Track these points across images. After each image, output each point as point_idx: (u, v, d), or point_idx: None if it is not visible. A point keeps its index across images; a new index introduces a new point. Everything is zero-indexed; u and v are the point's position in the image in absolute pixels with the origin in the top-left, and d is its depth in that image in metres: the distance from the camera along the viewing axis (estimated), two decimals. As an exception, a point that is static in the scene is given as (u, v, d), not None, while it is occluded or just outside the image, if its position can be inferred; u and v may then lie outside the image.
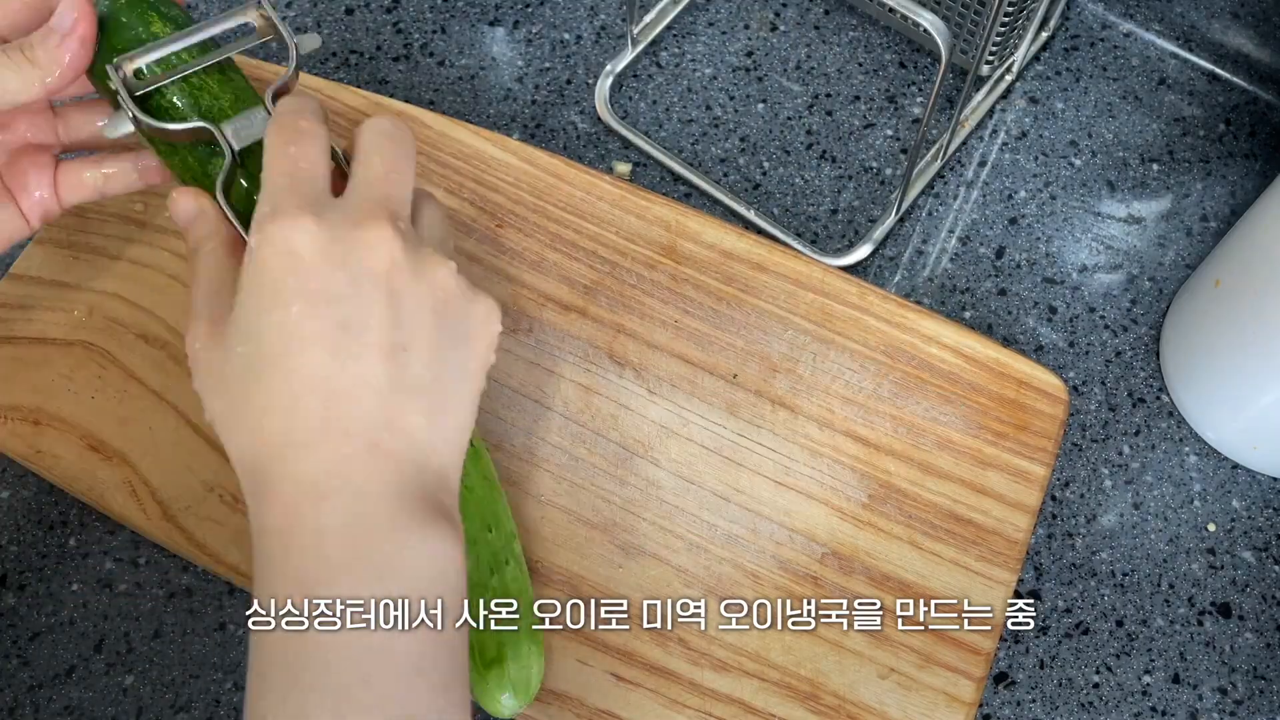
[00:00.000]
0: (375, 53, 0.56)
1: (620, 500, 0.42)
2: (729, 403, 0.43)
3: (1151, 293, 0.50)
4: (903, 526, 0.41)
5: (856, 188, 0.52)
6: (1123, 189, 0.53)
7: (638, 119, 0.54)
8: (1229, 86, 0.55)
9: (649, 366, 0.44)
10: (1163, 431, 0.47)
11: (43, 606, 0.43)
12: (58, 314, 0.45)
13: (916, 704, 0.38)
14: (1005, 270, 0.51)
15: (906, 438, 0.42)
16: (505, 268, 0.45)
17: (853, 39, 0.56)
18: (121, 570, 0.44)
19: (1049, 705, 0.42)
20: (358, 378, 0.29)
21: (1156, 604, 0.44)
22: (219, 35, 0.35)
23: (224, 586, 0.43)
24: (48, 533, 0.44)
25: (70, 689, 0.42)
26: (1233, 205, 0.52)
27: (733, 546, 0.41)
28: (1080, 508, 0.46)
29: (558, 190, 0.47)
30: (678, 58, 0.56)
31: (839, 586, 0.40)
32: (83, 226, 0.47)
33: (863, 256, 0.50)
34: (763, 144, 0.53)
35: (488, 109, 0.54)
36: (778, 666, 0.39)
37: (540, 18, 0.57)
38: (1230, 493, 0.46)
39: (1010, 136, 0.54)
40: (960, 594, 0.40)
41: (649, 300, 0.45)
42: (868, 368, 0.44)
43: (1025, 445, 0.42)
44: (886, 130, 0.54)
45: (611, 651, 0.39)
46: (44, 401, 0.43)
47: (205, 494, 0.42)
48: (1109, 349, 0.49)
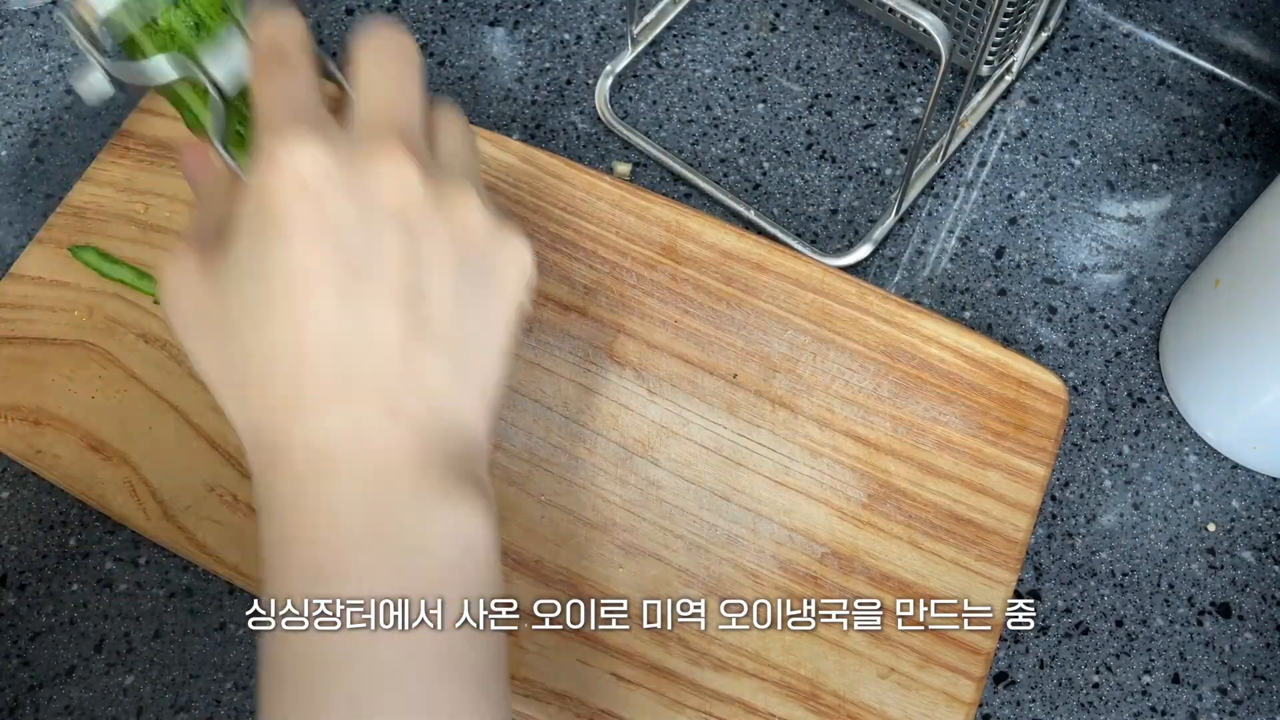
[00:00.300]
0: (375, 53, 0.56)
1: (620, 500, 0.42)
2: (729, 403, 0.43)
3: (1151, 293, 0.50)
4: (903, 526, 0.41)
5: (856, 188, 0.52)
6: (1123, 189, 0.53)
7: (638, 119, 0.54)
8: (1229, 86, 0.55)
9: (649, 366, 0.44)
10: (1162, 431, 0.47)
11: (43, 606, 0.43)
12: (58, 314, 0.45)
13: (916, 704, 0.38)
14: (1005, 270, 0.51)
15: (906, 438, 0.42)
16: (505, 268, 0.45)
17: (853, 39, 0.56)
18: (121, 570, 0.44)
19: (1049, 705, 0.42)
20: (371, 327, 0.26)
21: (1156, 604, 0.44)
22: None
23: (224, 586, 0.43)
24: (48, 533, 0.44)
25: (70, 689, 0.42)
26: (1233, 205, 0.52)
27: (733, 546, 0.41)
28: (1080, 508, 0.46)
29: (558, 190, 0.47)
30: (678, 58, 0.56)
31: (839, 586, 0.40)
32: (83, 227, 0.47)
33: (863, 256, 0.50)
34: (763, 144, 0.53)
35: (488, 109, 0.54)
36: (778, 666, 0.39)
37: (540, 18, 0.57)
38: (1230, 493, 0.46)
39: (1010, 136, 0.54)
40: (960, 594, 0.40)
41: (649, 300, 0.45)
42: (867, 368, 0.44)
43: (1025, 445, 0.42)
44: (886, 130, 0.54)
45: (611, 651, 0.39)
46: (44, 401, 0.43)
47: (205, 494, 0.42)
48: (1109, 349, 0.49)
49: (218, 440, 0.42)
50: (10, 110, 0.54)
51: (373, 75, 0.29)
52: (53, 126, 0.54)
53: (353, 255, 0.26)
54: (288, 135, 0.26)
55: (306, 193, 0.26)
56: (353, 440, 0.26)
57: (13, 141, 0.53)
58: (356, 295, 0.26)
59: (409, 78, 0.30)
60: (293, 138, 0.26)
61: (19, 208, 0.52)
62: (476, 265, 0.28)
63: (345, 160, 0.27)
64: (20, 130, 0.54)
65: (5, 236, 0.51)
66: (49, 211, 0.49)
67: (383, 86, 0.29)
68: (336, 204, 0.26)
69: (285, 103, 0.28)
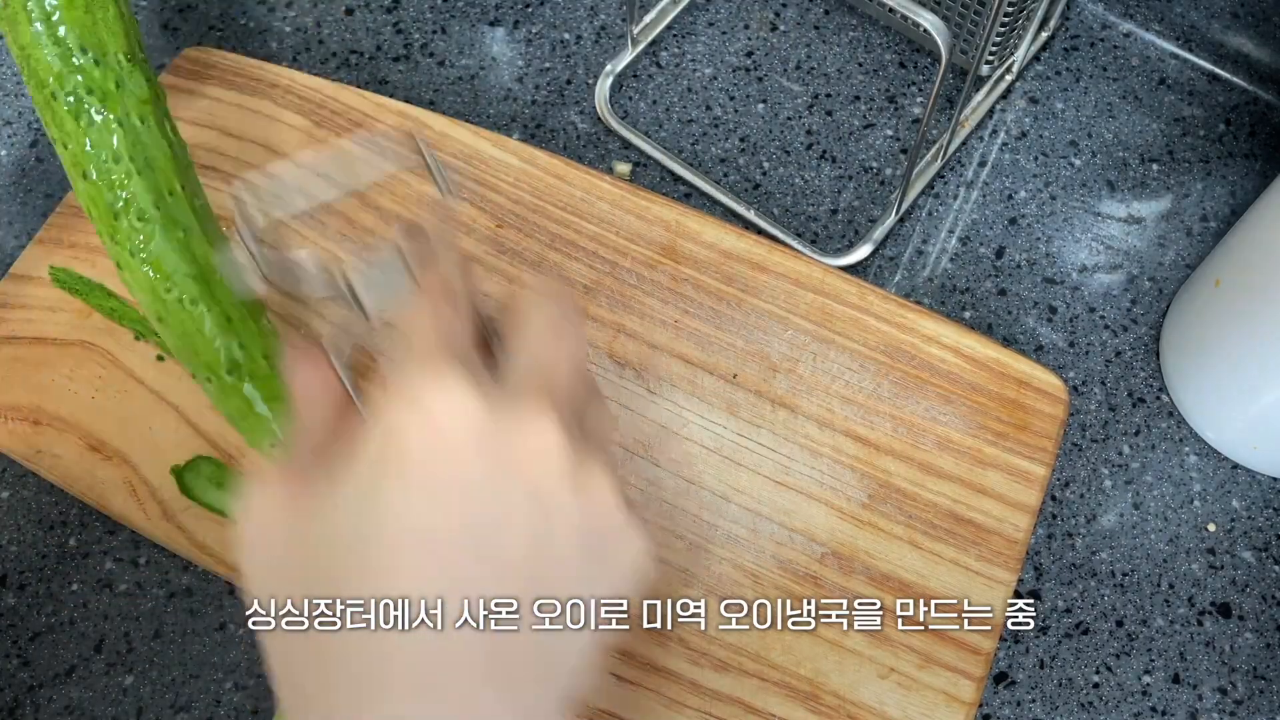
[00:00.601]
0: (375, 53, 0.56)
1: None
2: (729, 403, 0.43)
3: (1151, 293, 0.50)
4: (903, 526, 0.41)
5: (856, 188, 0.52)
6: (1123, 189, 0.53)
7: (638, 119, 0.54)
8: (1229, 86, 0.55)
9: (649, 366, 0.44)
10: (1163, 431, 0.47)
11: (43, 606, 0.43)
12: (57, 314, 0.45)
13: (916, 704, 0.38)
14: (1005, 270, 0.51)
15: (906, 438, 0.42)
16: (505, 268, 0.45)
17: (853, 39, 0.56)
18: (121, 570, 0.44)
19: (1049, 705, 0.42)
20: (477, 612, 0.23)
21: (1156, 604, 0.44)
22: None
23: (224, 586, 0.43)
24: (48, 533, 0.44)
25: (70, 689, 0.42)
26: (1233, 205, 0.52)
27: (733, 546, 0.41)
28: (1080, 508, 0.46)
29: (558, 190, 0.47)
30: (678, 58, 0.56)
31: (839, 586, 0.40)
32: (83, 226, 0.47)
33: (863, 256, 0.50)
34: (763, 144, 0.53)
35: (488, 109, 0.54)
36: (778, 666, 0.39)
37: (540, 18, 0.57)
38: (1230, 493, 0.46)
39: (1010, 136, 0.54)
40: (960, 594, 0.40)
41: (649, 300, 0.45)
42: (868, 368, 0.44)
43: (1025, 445, 0.42)
44: (886, 130, 0.54)
45: (611, 651, 0.39)
46: (44, 401, 0.43)
47: (205, 494, 0.42)
48: (1109, 349, 0.49)
49: (218, 440, 0.42)
50: (10, 110, 0.54)
51: (534, 321, 0.26)
52: (53, 126, 0.54)
53: (477, 523, 0.23)
54: (443, 372, 0.24)
55: (444, 442, 0.23)
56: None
57: (13, 141, 0.53)
58: (471, 580, 0.23)
59: (574, 342, 0.27)
60: (448, 377, 0.23)
61: (19, 208, 0.52)
62: (597, 561, 0.25)
63: (493, 414, 0.24)
64: (20, 130, 0.54)
65: (5, 236, 0.51)
66: (49, 211, 0.49)
67: (546, 344, 0.26)
68: (473, 462, 0.23)
69: (441, 339, 0.25)
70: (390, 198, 0.47)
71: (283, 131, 0.48)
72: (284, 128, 0.48)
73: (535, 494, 0.24)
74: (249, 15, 0.58)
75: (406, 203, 0.47)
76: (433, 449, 0.23)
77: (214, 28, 0.57)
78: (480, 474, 0.23)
